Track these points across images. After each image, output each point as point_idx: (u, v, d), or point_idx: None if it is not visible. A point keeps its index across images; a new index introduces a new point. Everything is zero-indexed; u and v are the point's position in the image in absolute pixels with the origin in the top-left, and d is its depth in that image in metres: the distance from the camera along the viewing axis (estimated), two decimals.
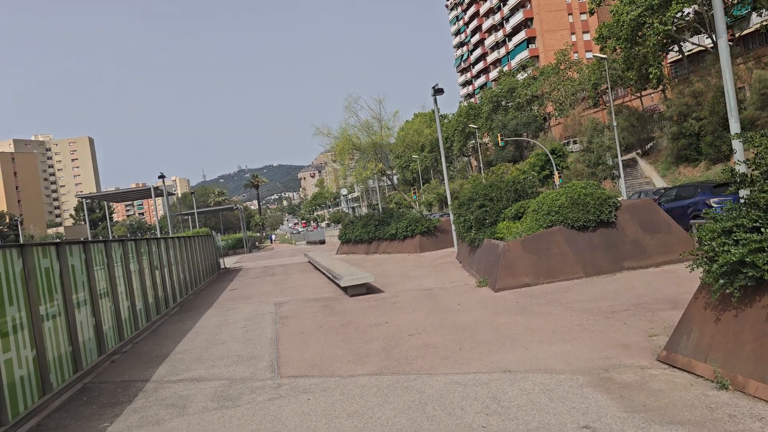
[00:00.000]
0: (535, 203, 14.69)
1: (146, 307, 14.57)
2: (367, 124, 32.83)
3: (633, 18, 43.80)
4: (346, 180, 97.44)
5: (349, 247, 34.53)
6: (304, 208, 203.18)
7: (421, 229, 27.61)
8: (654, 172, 48.24)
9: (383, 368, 7.60)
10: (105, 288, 11.67)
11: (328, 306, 13.93)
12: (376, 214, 35.49)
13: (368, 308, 12.75)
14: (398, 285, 16.31)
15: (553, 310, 9.78)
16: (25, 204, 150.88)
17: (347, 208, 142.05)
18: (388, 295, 14.58)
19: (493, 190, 17.56)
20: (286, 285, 20.51)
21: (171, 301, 17.80)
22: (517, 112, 76.96)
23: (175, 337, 12.19)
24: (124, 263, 13.32)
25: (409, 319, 10.74)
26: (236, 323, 13.07)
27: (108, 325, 11.40)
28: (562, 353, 7.18)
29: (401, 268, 21.24)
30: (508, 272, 12.88)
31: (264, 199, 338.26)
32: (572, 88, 70.77)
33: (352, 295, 15.13)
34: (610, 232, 13.28)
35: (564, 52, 75.08)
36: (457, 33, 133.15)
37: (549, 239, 13.21)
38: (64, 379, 8.79)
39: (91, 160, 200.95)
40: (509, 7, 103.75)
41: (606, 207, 13.26)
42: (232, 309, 15.66)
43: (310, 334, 10.63)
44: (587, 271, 12.82)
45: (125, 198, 64.90)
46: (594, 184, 14.15)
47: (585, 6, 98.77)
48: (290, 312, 13.74)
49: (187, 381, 8.23)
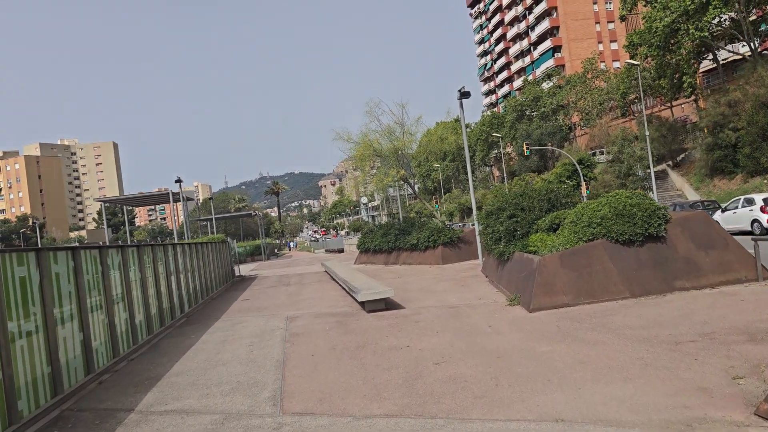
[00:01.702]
0: (573, 214, 13.34)
1: (148, 320, 13.46)
2: (389, 129, 31.65)
3: (666, 24, 42.16)
4: (366, 188, 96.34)
5: (367, 256, 33.31)
6: (324, 216, 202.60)
7: (443, 240, 26.30)
8: (686, 185, 46.37)
9: (405, 407, 6.34)
10: (98, 299, 10.57)
11: (343, 323, 12.69)
12: (396, 223, 34.26)
13: (387, 327, 11.49)
14: (420, 300, 15.03)
15: (603, 338, 8.42)
16: (48, 207, 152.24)
17: (367, 216, 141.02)
18: (409, 311, 13.31)
19: (524, 199, 16.22)
20: (300, 297, 19.33)
21: (177, 311, 16.71)
22: (541, 122, 75.36)
23: (173, 355, 11.04)
24: (123, 272, 12.24)
25: (434, 343, 9.46)
26: (242, 340, 11.89)
27: (99, 341, 10.28)
28: (626, 397, 5.85)
29: (423, 281, 19.95)
30: (544, 290, 11.54)
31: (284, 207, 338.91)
32: (600, 97, 69.03)
33: (369, 310, 13.89)
34: (660, 248, 11.87)
35: (591, 61, 73.36)
36: (481, 42, 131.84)
37: (590, 254, 11.85)
38: (38, 405, 7.66)
39: (115, 164, 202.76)
40: (535, 15, 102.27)
41: (655, 219, 11.87)
42: (239, 323, 14.50)
43: (322, 356, 9.40)
44: (633, 291, 11.43)
45: (143, 202, 64.47)
46: (640, 194, 12.76)
47: (613, 15, 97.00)
48: (302, 328, 12.53)
49: (175, 413, 7.03)
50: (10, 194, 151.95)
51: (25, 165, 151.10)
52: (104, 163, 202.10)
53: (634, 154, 45.03)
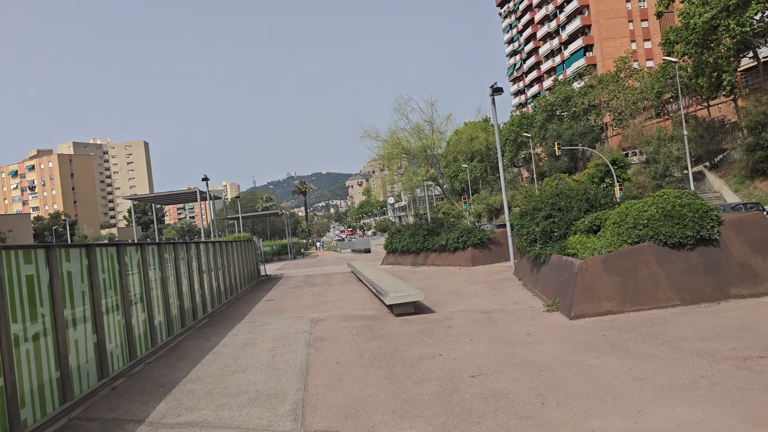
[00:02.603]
0: (615, 214, 12.49)
1: (168, 321, 12.99)
2: (418, 128, 30.87)
3: (706, 20, 40.62)
4: (393, 187, 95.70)
5: (395, 257, 32.65)
6: (351, 216, 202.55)
7: (473, 241, 25.50)
8: (725, 186, 44.72)
9: (440, 428, 5.65)
10: (114, 300, 10.09)
11: (370, 327, 12.04)
12: (424, 223, 33.52)
13: (417, 333, 10.80)
14: (451, 304, 14.30)
15: (657, 351, 7.62)
16: (80, 205, 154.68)
17: (394, 217, 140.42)
18: (439, 316, 12.60)
19: (561, 199, 15.39)
20: (325, 298, 18.74)
21: (200, 311, 16.25)
22: (572, 122, 73.75)
23: (192, 359, 10.51)
24: (142, 271, 11.77)
25: (469, 352, 8.75)
26: (264, 343, 11.31)
27: (115, 343, 9.80)
28: (698, 424, 5.08)
29: (453, 283, 19.21)
30: (586, 296, 10.73)
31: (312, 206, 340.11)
32: (633, 96, 67.28)
33: (398, 314, 13.22)
34: (712, 252, 10.98)
35: (624, 60, 71.53)
36: (510, 41, 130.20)
37: (636, 258, 11.01)
38: (44, 413, 7.16)
39: (145, 163, 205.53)
40: (566, 14, 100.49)
41: (708, 221, 10.98)
42: (263, 325, 13.95)
43: (348, 365, 8.76)
44: (684, 298, 10.56)
45: (171, 201, 64.73)
46: (690, 193, 11.86)
47: (646, 13, 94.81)
48: (327, 332, 11.91)
49: (187, 427, 6.45)
50: (44, 192, 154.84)
51: (58, 163, 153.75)
52: (135, 162, 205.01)
53: (671, 155, 43.56)
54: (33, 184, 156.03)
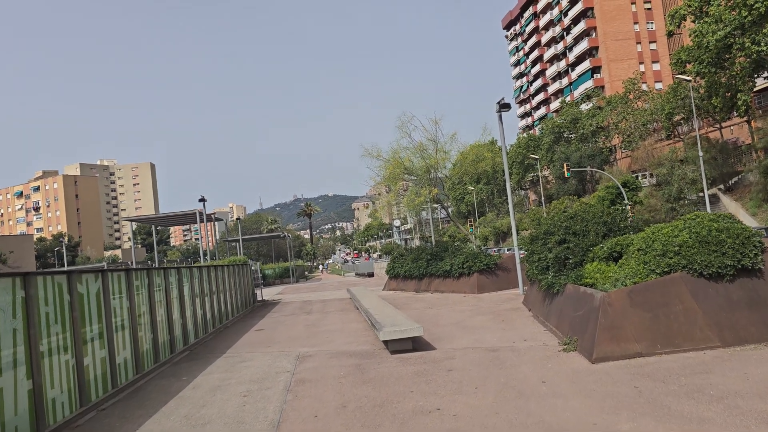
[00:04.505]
0: (639, 240, 11.04)
1: (136, 357, 11.54)
2: (421, 147, 29.53)
3: (719, 38, 39.41)
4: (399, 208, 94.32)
5: (397, 282, 31.13)
6: (357, 239, 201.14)
7: (479, 266, 23.99)
8: (741, 210, 43.13)
9: None
10: (61, 337, 8.69)
11: (361, 367, 10.56)
12: (428, 247, 32.02)
13: (413, 376, 9.32)
14: (453, 339, 12.81)
15: (708, 413, 6.13)
16: (84, 226, 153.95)
17: (399, 239, 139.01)
18: (439, 354, 11.11)
19: (576, 222, 13.94)
20: (318, 328, 17.26)
21: (180, 344, 14.80)
22: (580, 144, 72.48)
23: (152, 406, 9.05)
24: (102, 301, 10.37)
25: (473, 406, 7.27)
26: (238, 386, 9.85)
27: (59, 389, 8.38)
28: None
29: (456, 312, 17.70)
30: (610, 335, 9.24)
31: (318, 229, 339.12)
32: (643, 118, 66.00)
33: (393, 351, 11.74)
34: (755, 284, 9.49)
35: (633, 81, 70.41)
36: (517, 64, 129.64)
37: (667, 290, 9.53)
38: None
39: (151, 185, 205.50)
40: (573, 36, 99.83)
41: (750, 248, 9.51)
42: (243, 361, 12.49)
43: (327, 420, 7.29)
44: (724, 339, 9.06)
45: (171, 222, 63.54)
46: (726, 216, 10.40)
47: (655, 35, 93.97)
48: (312, 373, 10.44)
49: None
50: (48, 213, 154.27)
51: (63, 184, 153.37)
52: (141, 183, 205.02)
53: (685, 177, 42.08)
54: (38, 205, 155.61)
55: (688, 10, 44.16)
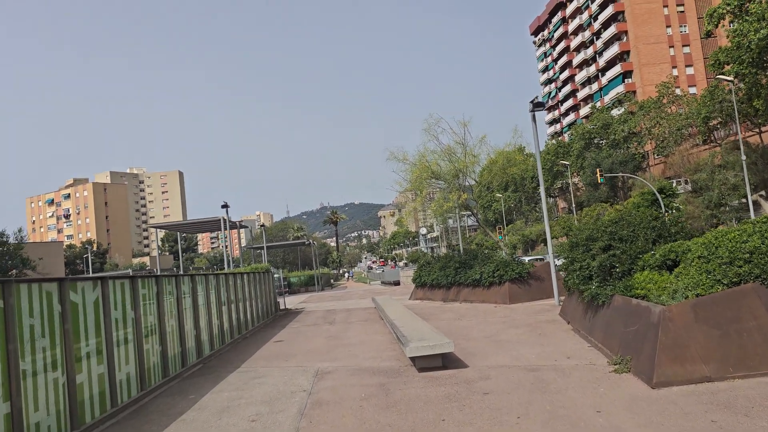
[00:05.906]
0: (699, 246, 9.77)
1: (141, 372, 10.60)
2: (449, 150, 28.36)
3: (762, 37, 37.59)
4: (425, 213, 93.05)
5: (424, 291, 29.96)
6: (383, 247, 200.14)
7: (511, 275, 22.73)
8: None
9: None
10: (49, 354, 7.77)
11: (385, 387, 9.46)
12: (456, 254, 30.80)
13: (444, 400, 8.19)
14: (487, 355, 11.63)
15: None
16: (113, 233, 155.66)
17: (426, 247, 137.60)
18: (473, 374, 9.95)
19: (622, 226, 12.68)
20: (340, 340, 16.20)
21: (193, 356, 13.87)
22: (612, 150, 70.49)
23: (150, 429, 8.08)
24: (102, 313, 9.46)
25: None
26: (248, 408, 8.83)
27: (45, 411, 7.46)
28: None
29: (488, 324, 16.49)
30: (672, 355, 8.01)
31: (344, 237, 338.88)
32: (677, 123, 63.86)
33: (421, 368, 10.62)
34: None
35: (666, 85, 68.32)
36: (545, 70, 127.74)
37: (738, 304, 8.26)
38: None
39: (179, 192, 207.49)
40: (603, 40, 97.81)
41: None
42: (257, 377, 11.48)
43: None
44: None
45: (196, 229, 63.43)
46: None
47: (688, 38, 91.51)
48: (330, 393, 9.37)
49: None
50: (78, 220, 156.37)
51: (92, 192, 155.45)
52: (170, 191, 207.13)
53: (726, 182, 40.19)
54: (68, 213, 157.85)
55: (727, 9, 42.35)
